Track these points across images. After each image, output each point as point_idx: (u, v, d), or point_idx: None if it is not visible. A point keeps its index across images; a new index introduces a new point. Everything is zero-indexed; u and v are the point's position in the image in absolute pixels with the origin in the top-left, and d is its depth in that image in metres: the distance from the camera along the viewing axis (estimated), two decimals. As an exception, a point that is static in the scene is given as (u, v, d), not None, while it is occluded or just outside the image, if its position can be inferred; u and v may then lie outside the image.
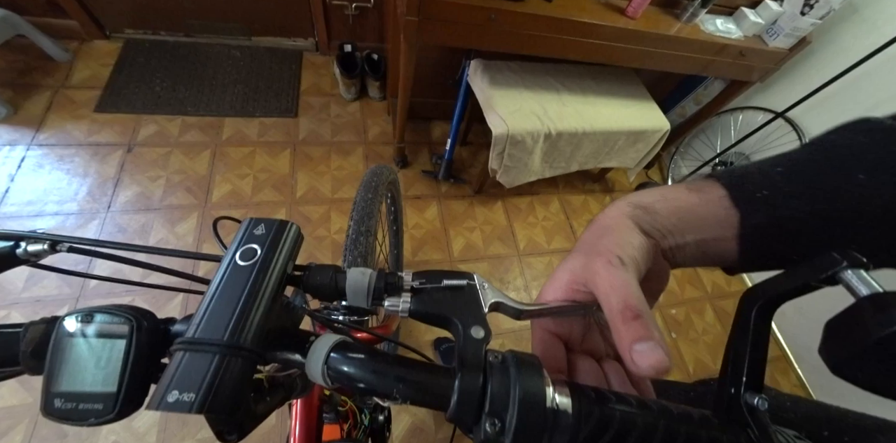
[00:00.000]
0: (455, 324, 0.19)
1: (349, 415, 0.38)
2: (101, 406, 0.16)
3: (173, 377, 0.15)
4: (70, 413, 0.16)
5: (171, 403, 0.14)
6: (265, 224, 0.20)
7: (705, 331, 1.38)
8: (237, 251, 0.19)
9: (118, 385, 0.16)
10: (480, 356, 0.17)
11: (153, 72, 1.48)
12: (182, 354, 0.16)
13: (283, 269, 0.19)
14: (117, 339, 0.17)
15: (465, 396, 0.16)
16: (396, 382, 0.17)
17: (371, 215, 0.60)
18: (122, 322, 0.17)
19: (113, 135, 1.30)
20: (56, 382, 0.16)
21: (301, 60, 1.66)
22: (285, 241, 0.20)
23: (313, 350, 0.18)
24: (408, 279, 0.21)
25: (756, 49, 1.13)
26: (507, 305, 0.20)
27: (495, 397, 0.16)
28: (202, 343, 0.16)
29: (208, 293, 0.18)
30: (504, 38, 0.99)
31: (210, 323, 0.17)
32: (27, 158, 1.20)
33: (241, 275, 0.18)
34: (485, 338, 0.18)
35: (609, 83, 1.27)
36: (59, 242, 0.23)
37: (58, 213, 1.13)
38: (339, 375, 0.17)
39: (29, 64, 1.37)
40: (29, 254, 0.23)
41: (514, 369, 0.16)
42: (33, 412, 0.85)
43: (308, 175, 1.37)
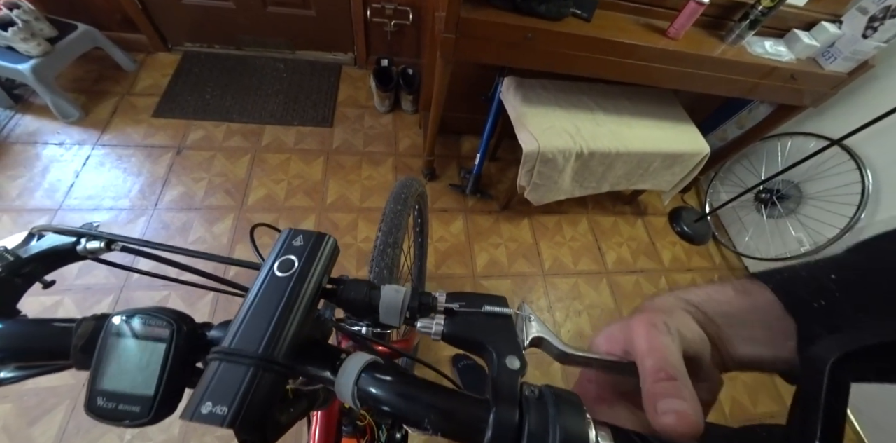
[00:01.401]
0: (490, 352, 0.18)
1: (367, 430, 0.38)
2: (139, 409, 0.17)
3: (208, 388, 0.15)
4: (110, 413, 0.16)
5: (205, 415, 0.15)
6: (304, 236, 0.20)
7: (742, 369, 1.27)
8: (276, 261, 0.19)
9: (156, 389, 0.17)
10: (516, 389, 0.17)
11: (205, 81, 1.59)
12: (218, 364, 0.16)
13: (318, 282, 0.19)
14: (158, 342, 0.18)
15: (502, 431, 0.15)
16: (428, 411, 0.16)
17: (399, 227, 0.60)
18: (164, 326, 0.18)
19: (165, 138, 1.41)
20: (100, 379, 0.17)
21: (339, 73, 1.74)
22: (322, 253, 0.20)
23: (344, 369, 0.18)
24: (441, 300, 0.20)
25: (810, 72, 1.07)
26: (551, 343, 0.19)
27: (533, 435, 0.15)
28: (238, 354, 0.16)
29: (246, 302, 0.18)
30: (540, 56, 0.99)
31: (246, 334, 0.17)
32: (91, 157, 1.32)
33: (279, 286, 0.18)
34: (520, 370, 0.17)
35: (646, 104, 1.24)
36: (114, 241, 0.25)
37: (112, 208, 1.22)
38: (369, 397, 0.17)
39: (102, 73, 1.52)
40: (87, 250, 0.24)
41: (553, 406, 0.15)
42: (74, 393, 0.91)
43: (339, 183, 1.41)
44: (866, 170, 1.19)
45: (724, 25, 1.07)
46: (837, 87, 1.14)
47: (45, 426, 0.86)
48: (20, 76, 1.22)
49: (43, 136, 1.33)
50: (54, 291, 1.02)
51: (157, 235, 1.20)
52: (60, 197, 1.21)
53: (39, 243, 0.23)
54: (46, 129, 1.35)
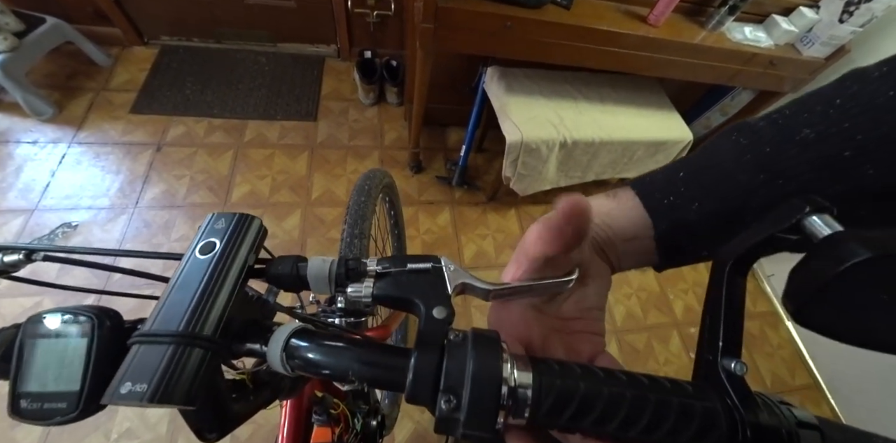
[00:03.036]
0: (417, 305, 0.19)
1: (341, 419, 0.38)
2: (65, 405, 0.16)
3: (127, 370, 0.15)
4: (35, 413, 0.16)
5: (124, 394, 0.14)
6: (225, 218, 0.20)
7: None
8: (197, 245, 0.19)
9: (81, 383, 0.16)
10: (439, 336, 0.17)
11: (184, 76, 1.56)
12: (137, 347, 0.16)
13: (243, 261, 0.19)
14: (80, 338, 0.17)
15: (420, 374, 0.16)
16: (352, 364, 0.17)
17: (364, 218, 0.60)
18: (85, 321, 0.18)
19: (145, 135, 1.38)
20: (22, 382, 0.17)
21: (323, 66, 1.71)
22: (245, 233, 0.20)
23: (273, 339, 0.18)
24: (372, 265, 0.20)
25: (788, 58, 1.08)
26: (474, 285, 0.20)
27: (451, 373, 0.15)
28: (156, 335, 0.16)
29: (167, 288, 0.18)
30: (521, 45, 0.98)
31: (166, 315, 0.17)
32: (67, 155, 1.28)
33: (199, 268, 0.18)
34: (447, 318, 0.18)
35: (629, 92, 1.24)
36: (34, 252, 0.23)
37: (91, 207, 1.20)
38: (298, 360, 0.17)
39: (75, 68, 1.47)
40: (6, 264, 0.23)
41: (472, 344, 0.16)
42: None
43: (324, 178, 1.40)
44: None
45: (703, 12, 1.07)
46: (815, 73, 1.15)
47: (29, 428, 0.86)
48: (-13, 72, 1.18)
49: (15, 134, 1.29)
50: (34, 292, 1.00)
51: (139, 234, 1.18)
52: (36, 197, 1.18)
53: None
54: (18, 127, 1.31)
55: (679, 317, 1.34)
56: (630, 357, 1.23)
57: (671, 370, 1.23)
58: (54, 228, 1.14)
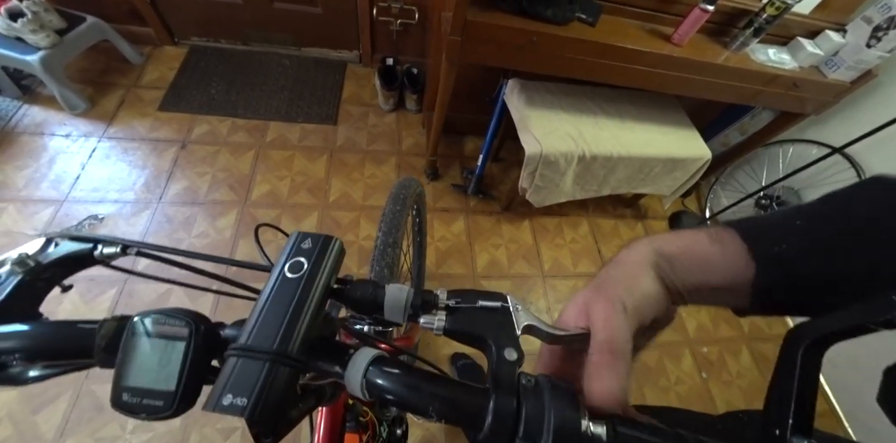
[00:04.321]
0: (489, 345, 0.19)
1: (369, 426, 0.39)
2: (161, 403, 0.18)
3: (228, 381, 0.16)
4: (135, 407, 0.18)
5: (226, 406, 0.16)
6: (312, 239, 0.21)
7: (740, 374, 1.28)
8: (286, 263, 0.20)
9: (177, 384, 0.18)
10: (513, 379, 0.18)
11: (211, 76, 1.60)
12: (236, 360, 0.17)
13: (327, 282, 0.20)
14: (178, 341, 0.19)
15: (500, 418, 0.16)
16: (432, 399, 0.17)
17: (398, 227, 0.61)
18: (183, 325, 0.19)
19: (171, 132, 1.42)
20: (125, 377, 0.18)
21: (344, 71, 1.74)
22: (330, 255, 0.21)
23: (353, 363, 0.19)
24: (443, 297, 0.21)
25: (813, 81, 1.08)
26: (539, 329, 0.20)
27: (530, 421, 0.16)
28: (254, 350, 0.17)
29: (259, 302, 0.19)
30: (545, 60, 1.00)
31: (261, 331, 0.18)
32: (97, 149, 1.33)
33: (290, 287, 0.19)
34: (517, 360, 0.18)
35: (649, 109, 1.25)
36: (129, 247, 0.26)
37: (117, 200, 1.23)
38: (377, 388, 0.18)
39: (109, 65, 1.53)
40: (104, 255, 0.25)
41: (549, 393, 0.16)
42: (77, 384, 0.92)
43: (342, 181, 1.42)
44: (865, 177, 1.19)
45: (728, 32, 1.08)
46: (840, 96, 1.14)
47: (49, 415, 0.88)
48: (29, 67, 1.23)
49: (50, 127, 1.34)
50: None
51: (161, 228, 1.21)
52: (66, 188, 1.22)
53: (57, 250, 0.24)
54: (53, 120, 1.35)
55: (692, 335, 1.33)
56: (641, 375, 1.22)
57: (683, 389, 1.22)
58: (82, 220, 1.17)
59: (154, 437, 0.89)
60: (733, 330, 1.37)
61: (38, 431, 0.86)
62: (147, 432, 0.89)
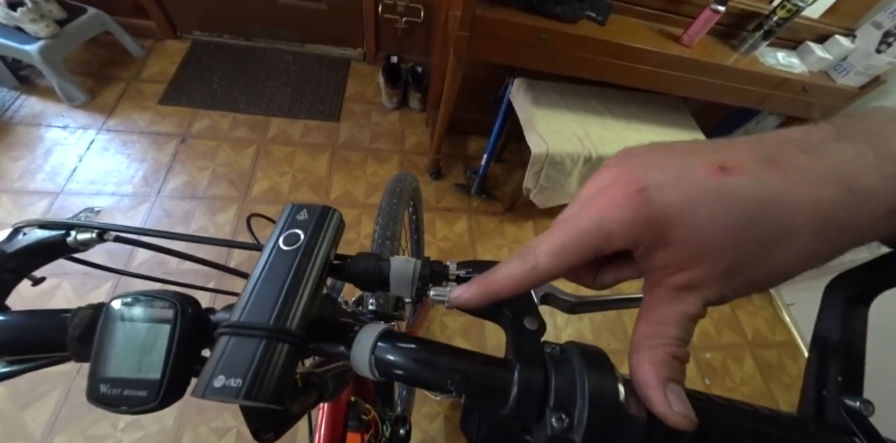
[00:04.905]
0: (506, 314, 0.18)
1: (371, 425, 0.37)
2: (146, 393, 0.16)
3: (219, 362, 0.15)
4: (115, 399, 0.16)
5: (218, 388, 0.14)
6: (308, 209, 0.19)
7: (743, 381, 1.26)
8: (280, 236, 0.18)
9: (162, 372, 0.16)
10: (538, 348, 0.16)
11: (213, 71, 1.58)
12: (227, 338, 0.15)
13: (326, 255, 0.19)
14: (162, 324, 0.17)
15: (527, 388, 0.15)
16: (450, 373, 0.16)
17: (396, 220, 0.60)
18: (168, 307, 0.17)
19: (171, 126, 1.40)
20: (102, 367, 0.16)
21: (348, 69, 1.73)
22: (328, 227, 0.19)
23: (358, 340, 0.17)
24: (452, 268, 0.20)
25: (821, 85, 1.07)
26: (557, 296, 0.19)
27: (560, 390, 0.14)
28: (248, 327, 0.15)
29: (252, 278, 0.17)
30: (553, 58, 0.99)
31: (255, 307, 0.16)
32: (96, 142, 1.31)
33: (286, 259, 0.17)
34: (539, 329, 0.17)
35: (655, 110, 1.24)
36: (106, 231, 0.24)
37: (115, 193, 1.21)
38: (388, 365, 0.16)
39: (110, 58, 1.51)
40: (78, 242, 0.23)
41: (579, 360, 0.15)
42: (68, 380, 0.90)
43: (344, 178, 1.41)
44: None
45: (737, 35, 1.07)
46: (848, 102, 1.14)
47: (38, 411, 0.85)
48: (27, 57, 1.21)
49: (47, 118, 1.32)
50: (52, 274, 1.01)
51: (159, 222, 1.19)
52: (62, 181, 1.20)
53: (25, 238, 0.22)
54: (51, 111, 1.33)
55: (694, 341, 1.30)
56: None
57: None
58: (77, 213, 1.15)
59: (146, 436, 0.86)
60: (736, 336, 1.36)
61: (26, 428, 0.84)
62: (139, 431, 0.87)
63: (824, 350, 0.15)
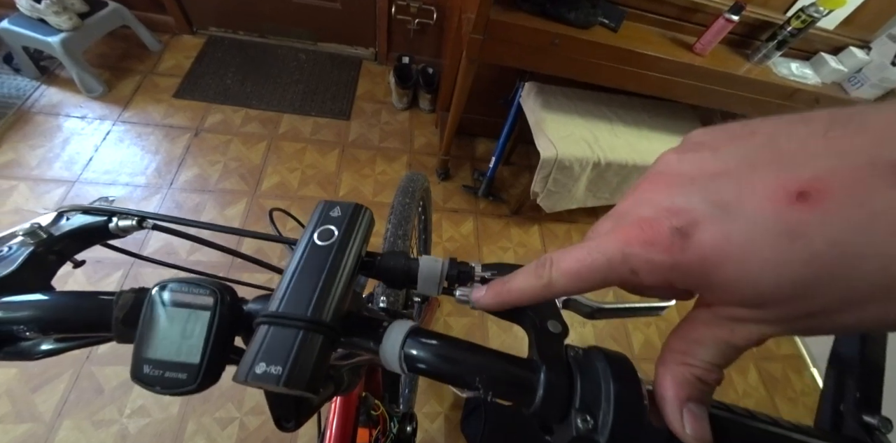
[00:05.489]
0: (529, 317, 0.18)
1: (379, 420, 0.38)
2: (185, 376, 0.17)
3: (260, 349, 0.15)
4: (157, 380, 0.17)
5: (259, 374, 0.15)
6: (341, 207, 0.20)
7: (747, 393, 1.26)
8: (315, 231, 0.19)
9: (201, 357, 0.17)
10: (561, 351, 0.17)
11: (227, 66, 1.61)
12: (267, 327, 0.16)
13: (358, 251, 0.19)
14: (202, 310, 0.18)
15: (553, 389, 0.15)
16: (478, 371, 0.16)
17: (408, 220, 0.61)
18: (208, 294, 0.18)
19: (184, 119, 1.42)
20: (146, 348, 0.17)
21: (360, 68, 1.74)
22: (361, 224, 0.20)
23: (388, 336, 0.17)
24: (478, 270, 0.20)
25: (834, 97, 1.07)
26: (579, 302, 0.19)
27: (586, 391, 0.15)
28: (287, 317, 0.16)
29: (288, 270, 0.18)
30: (564, 63, 1.00)
31: (293, 298, 0.17)
32: (112, 132, 1.33)
33: (321, 254, 0.18)
34: (563, 332, 0.17)
35: (664, 118, 1.24)
36: (145, 219, 0.25)
37: (128, 184, 1.24)
38: (417, 361, 0.17)
39: (127, 51, 1.54)
40: (119, 228, 0.24)
41: (604, 364, 0.15)
42: (78, 365, 0.92)
43: (352, 176, 1.42)
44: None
45: (750, 44, 1.07)
46: (860, 114, 1.13)
47: (48, 394, 0.88)
48: (49, 48, 1.23)
49: (66, 108, 1.34)
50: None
51: (170, 213, 1.20)
52: (78, 169, 1.23)
53: (70, 222, 0.23)
54: (70, 102, 1.36)
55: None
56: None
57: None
58: (92, 201, 1.16)
59: (151, 423, 0.88)
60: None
61: (35, 410, 0.86)
62: (144, 417, 0.88)
63: (843, 365, 0.16)
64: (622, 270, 0.12)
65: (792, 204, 0.09)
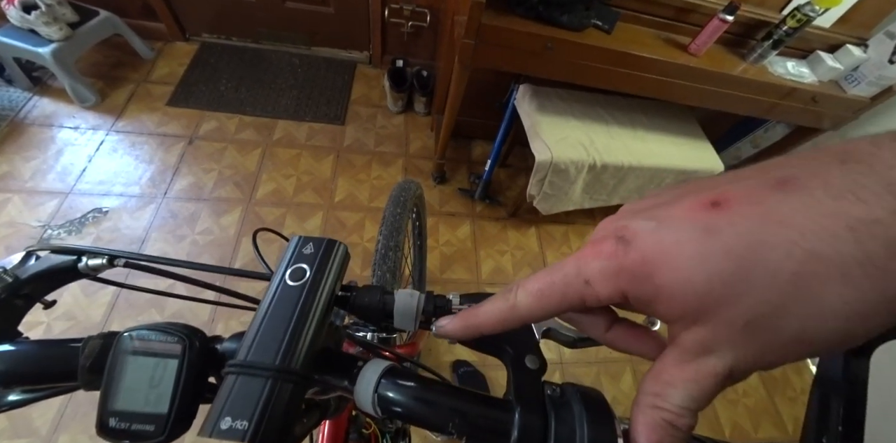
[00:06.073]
0: (507, 352, 0.18)
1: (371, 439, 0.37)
2: (153, 428, 0.16)
3: (226, 403, 0.15)
4: (123, 434, 0.16)
5: (224, 430, 0.14)
6: (314, 243, 0.20)
7: (746, 393, 1.25)
8: (287, 270, 0.19)
9: (169, 407, 0.16)
10: (538, 390, 0.16)
11: (221, 73, 1.60)
12: (234, 377, 0.16)
13: (331, 290, 0.19)
14: (170, 358, 0.17)
15: (528, 433, 0.15)
16: (452, 415, 0.16)
17: (399, 231, 0.60)
18: (175, 341, 0.17)
19: (178, 127, 1.41)
20: (112, 400, 0.17)
21: (354, 71, 1.74)
22: (334, 261, 0.19)
23: (362, 377, 0.17)
24: (455, 302, 0.20)
25: (831, 95, 1.06)
26: (560, 332, 0.19)
27: (560, 436, 0.15)
28: (254, 366, 0.16)
29: (258, 313, 0.18)
30: (558, 66, 0.99)
31: (261, 346, 0.16)
32: (105, 142, 1.33)
33: (291, 295, 0.18)
34: (540, 369, 0.17)
35: (661, 119, 1.23)
36: (116, 258, 0.24)
37: (122, 194, 1.23)
38: (390, 403, 0.17)
39: (120, 59, 1.53)
40: (89, 268, 0.23)
41: (578, 405, 0.15)
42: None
43: (348, 182, 1.41)
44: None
45: (746, 44, 1.06)
46: (859, 112, 1.12)
47: (44, 409, 0.87)
48: (40, 59, 1.23)
49: (59, 119, 1.34)
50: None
51: (165, 223, 1.20)
52: (72, 181, 1.22)
53: (38, 263, 0.23)
54: (62, 112, 1.36)
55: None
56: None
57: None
58: (86, 213, 1.17)
59: (148, 436, 0.88)
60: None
61: (32, 425, 0.85)
62: (141, 432, 0.88)
63: (825, 396, 0.16)
64: (577, 284, 0.14)
65: (707, 210, 0.12)
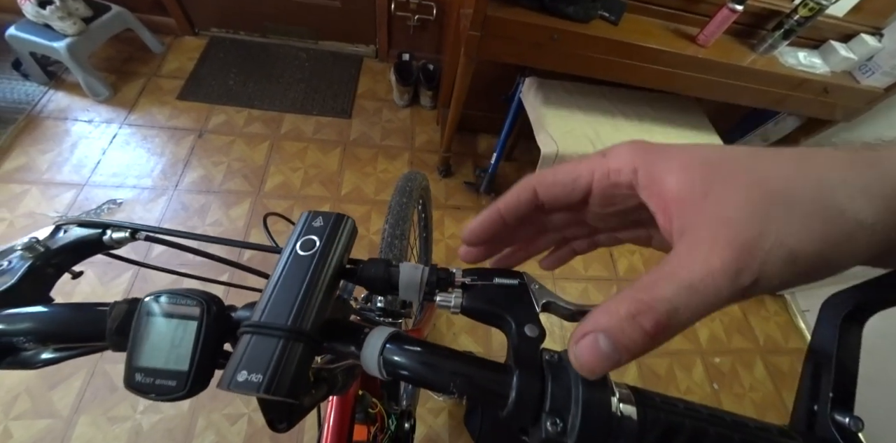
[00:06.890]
0: (508, 321, 0.19)
1: (377, 418, 0.39)
2: (175, 383, 0.17)
3: (241, 358, 0.16)
4: (148, 387, 0.18)
5: (241, 382, 0.15)
6: (323, 217, 0.21)
7: (753, 387, 1.25)
8: (298, 241, 0.20)
9: (189, 364, 0.18)
10: (536, 355, 0.17)
11: (229, 67, 1.62)
12: (249, 336, 0.17)
13: (339, 260, 0.20)
14: (190, 320, 0.18)
15: (525, 393, 0.16)
16: (453, 376, 0.17)
17: (405, 220, 0.61)
18: (195, 304, 0.19)
19: (188, 121, 1.44)
20: (137, 357, 0.18)
21: (360, 65, 1.74)
22: (342, 233, 0.20)
23: (368, 341, 0.18)
24: (458, 275, 0.21)
25: (844, 86, 1.04)
26: (559, 305, 0.20)
27: (556, 396, 0.15)
28: (268, 327, 0.17)
29: (271, 280, 0.19)
30: (564, 58, 0.98)
31: (274, 309, 0.17)
32: (118, 136, 1.36)
33: (302, 264, 0.19)
34: (539, 337, 0.18)
35: (668, 111, 1.22)
36: (138, 231, 0.26)
37: (135, 186, 1.26)
38: (395, 366, 0.18)
39: (131, 54, 1.56)
40: (113, 240, 0.25)
41: (574, 369, 0.16)
42: (92, 363, 0.95)
43: (354, 175, 1.43)
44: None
45: (756, 34, 1.04)
46: (873, 103, 1.10)
47: (64, 391, 0.91)
48: (55, 54, 1.26)
49: (73, 112, 1.37)
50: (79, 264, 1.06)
51: (176, 215, 1.23)
52: (87, 173, 1.25)
53: (67, 235, 0.24)
54: (77, 106, 1.39)
55: (704, 345, 1.30)
56: (650, 383, 1.20)
57: (692, 400, 1.19)
58: (101, 204, 1.20)
59: (163, 419, 0.91)
60: (747, 341, 1.34)
61: (53, 407, 0.89)
62: (156, 414, 0.91)
63: (818, 365, 0.16)
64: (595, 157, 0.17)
65: None
